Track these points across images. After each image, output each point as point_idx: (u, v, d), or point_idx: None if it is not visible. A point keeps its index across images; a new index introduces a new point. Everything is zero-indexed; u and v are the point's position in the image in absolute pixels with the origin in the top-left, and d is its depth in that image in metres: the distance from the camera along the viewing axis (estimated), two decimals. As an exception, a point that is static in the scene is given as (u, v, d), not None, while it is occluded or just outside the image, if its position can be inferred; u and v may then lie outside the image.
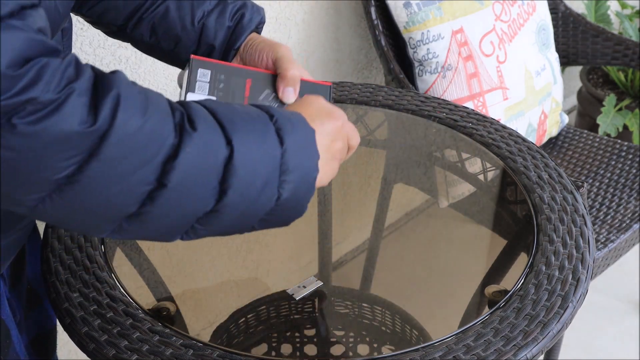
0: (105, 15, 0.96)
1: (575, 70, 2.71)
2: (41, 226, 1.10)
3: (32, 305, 1.05)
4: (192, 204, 0.68)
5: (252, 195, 0.70)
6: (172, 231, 0.70)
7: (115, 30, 0.98)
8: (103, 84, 0.62)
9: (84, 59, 1.44)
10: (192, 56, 0.89)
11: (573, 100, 2.79)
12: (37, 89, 0.58)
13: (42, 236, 1.07)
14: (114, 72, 0.64)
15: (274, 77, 0.91)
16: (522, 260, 1.06)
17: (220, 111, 0.70)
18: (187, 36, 0.95)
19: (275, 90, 0.91)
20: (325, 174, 0.79)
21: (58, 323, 0.95)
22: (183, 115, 0.66)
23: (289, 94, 0.90)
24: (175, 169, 0.64)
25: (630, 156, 1.83)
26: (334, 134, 0.80)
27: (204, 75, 0.89)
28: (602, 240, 1.58)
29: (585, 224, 1.08)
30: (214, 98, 0.88)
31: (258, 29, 0.97)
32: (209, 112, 0.69)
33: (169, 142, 0.64)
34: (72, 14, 0.98)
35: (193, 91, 0.88)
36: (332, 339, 1.10)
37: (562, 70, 2.18)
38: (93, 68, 0.64)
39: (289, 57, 0.91)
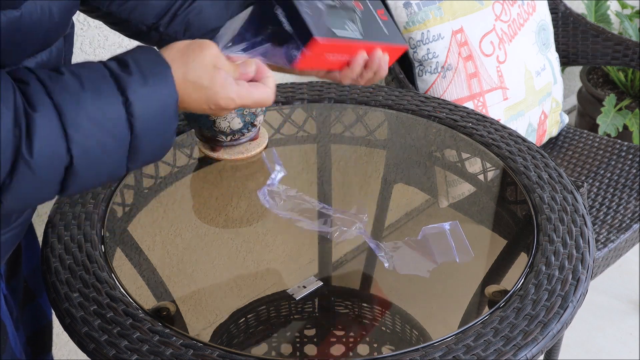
0: (135, 12, 0.94)
1: (575, 70, 2.71)
2: (41, 225, 1.10)
3: (28, 301, 1.05)
4: (38, 200, 0.72)
5: (98, 180, 0.73)
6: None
7: (145, 30, 0.96)
8: None
9: (83, 59, 1.44)
10: None
11: (573, 100, 2.79)
12: None
13: (41, 235, 1.07)
14: None
15: None
16: (522, 260, 1.06)
17: (66, 110, 0.68)
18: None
19: None
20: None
21: (58, 323, 0.95)
22: (21, 135, 0.66)
23: None
24: (9, 197, 0.68)
25: (630, 156, 1.83)
26: (204, 78, 0.76)
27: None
28: (602, 240, 1.58)
29: (585, 224, 1.08)
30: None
31: None
32: (53, 111, 0.67)
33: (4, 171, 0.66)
34: (90, 16, 0.97)
35: None
36: (332, 339, 1.10)
37: (562, 70, 2.18)
38: None
39: None
